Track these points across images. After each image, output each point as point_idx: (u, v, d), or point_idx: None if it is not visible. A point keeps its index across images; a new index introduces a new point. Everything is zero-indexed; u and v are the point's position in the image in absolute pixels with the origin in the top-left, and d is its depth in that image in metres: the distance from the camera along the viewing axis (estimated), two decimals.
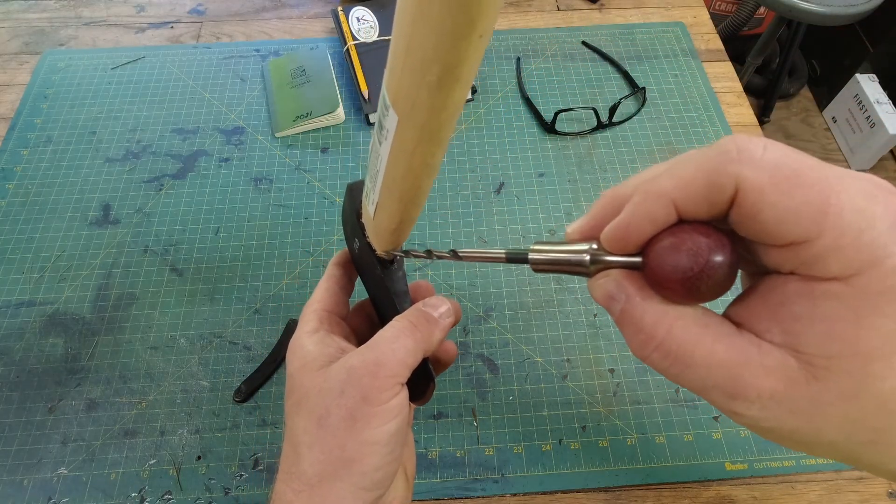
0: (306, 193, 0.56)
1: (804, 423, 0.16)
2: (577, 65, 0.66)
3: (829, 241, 0.15)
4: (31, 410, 0.44)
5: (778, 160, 0.16)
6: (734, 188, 0.16)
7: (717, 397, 0.17)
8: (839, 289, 0.15)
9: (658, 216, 0.18)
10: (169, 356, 0.47)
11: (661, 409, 0.45)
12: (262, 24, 0.71)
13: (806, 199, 0.15)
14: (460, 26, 0.16)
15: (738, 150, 0.16)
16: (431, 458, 0.43)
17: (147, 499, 0.41)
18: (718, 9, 1.58)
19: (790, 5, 1.00)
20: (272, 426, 0.44)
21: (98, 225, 0.54)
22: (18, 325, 0.48)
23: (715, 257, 0.17)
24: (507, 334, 0.48)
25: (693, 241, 0.17)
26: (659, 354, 0.18)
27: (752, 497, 0.42)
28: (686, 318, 0.18)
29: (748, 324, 0.18)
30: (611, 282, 0.20)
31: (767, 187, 0.16)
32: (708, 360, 0.17)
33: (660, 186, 0.18)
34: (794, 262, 0.16)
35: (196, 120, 0.61)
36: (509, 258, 0.23)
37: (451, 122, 0.20)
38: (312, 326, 0.28)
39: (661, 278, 0.18)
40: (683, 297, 0.18)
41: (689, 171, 0.17)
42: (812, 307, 0.16)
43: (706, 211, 0.17)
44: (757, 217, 0.16)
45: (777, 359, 0.16)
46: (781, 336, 0.17)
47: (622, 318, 0.19)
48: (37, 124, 0.60)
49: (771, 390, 0.16)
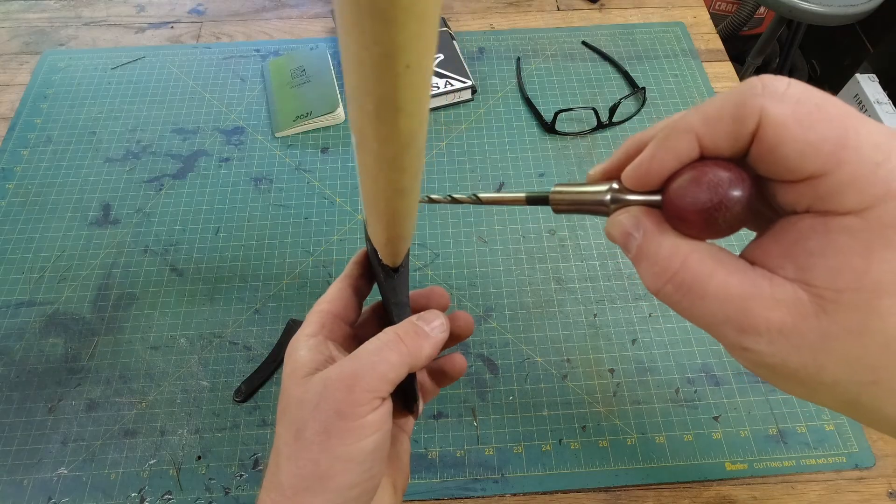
0: (306, 193, 0.56)
1: (809, 359, 0.16)
2: (577, 65, 0.66)
3: (846, 173, 0.15)
4: (31, 410, 0.44)
5: (800, 95, 0.16)
6: (757, 121, 0.17)
7: (727, 331, 0.18)
8: (853, 222, 0.16)
9: (682, 151, 0.18)
10: (169, 356, 0.47)
11: (661, 409, 0.45)
12: (262, 24, 0.71)
13: (826, 132, 0.16)
14: (379, 59, 0.14)
15: (764, 85, 0.17)
16: (431, 458, 0.43)
17: (147, 499, 0.41)
18: (718, 9, 1.58)
19: (790, 5, 1.00)
20: (272, 426, 0.44)
21: (98, 225, 0.54)
22: (18, 325, 0.48)
23: (733, 190, 0.17)
24: (507, 334, 0.48)
25: (714, 174, 0.18)
26: (673, 286, 0.18)
27: (752, 497, 0.42)
28: (701, 251, 0.18)
29: (762, 262, 0.18)
30: (629, 218, 0.20)
31: (790, 120, 0.16)
32: (720, 293, 0.17)
33: (686, 121, 0.18)
34: (811, 197, 0.16)
35: (196, 120, 0.61)
36: (529, 200, 0.24)
37: (407, 151, 0.18)
38: (312, 330, 0.27)
39: (680, 211, 0.18)
40: (701, 230, 0.18)
41: (714, 106, 0.18)
42: (825, 242, 0.16)
43: (729, 146, 0.18)
44: (777, 150, 0.16)
45: (788, 292, 0.17)
46: (794, 271, 0.17)
47: (638, 252, 0.19)
48: (37, 124, 0.60)
49: (780, 322, 0.17)
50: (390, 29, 0.13)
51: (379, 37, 0.14)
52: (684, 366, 0.47)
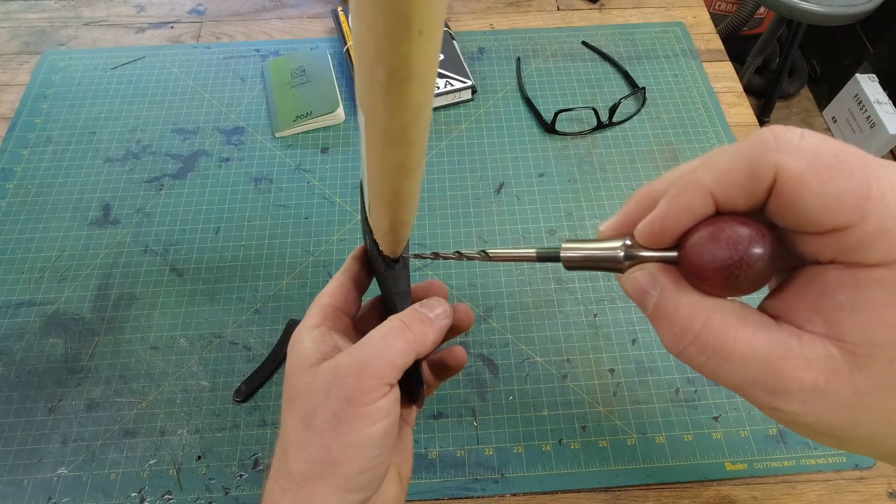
0: (306, 193, 0.56)
1: (844, 416, 0.16)
2: (577, 65, 0.66)
3: (873, 225, 0.15)
4: (31, 410, 0.44)
5: (816, 147, 0.16)
6: (773, 176, 0.16)
7: (756, 393, 0.17)
8: (884, 275, 0.15)
9: (696, 208, 0.18)
10: (169, 356, 0.47)
11: (661, 409, 0.45)
12: (262, 24, 0.71)
13: (847, 184, 0.15)
14: (394, 24, 0.15)
15: (776, 138, 0.16)
16: (431, 458, 0.43)
17: (147, 499, 0.41)
18: (718, 9, 1.58)
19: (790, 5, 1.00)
20: (272, 426, 0.44)
21: (98, 225, 0.54)
22: (18, 325, 0.48)
23: (754, 248, 0.17)
24: (507, 334, 0.48)
25: (732, 230, 0.17)
26: (695, 348, 0.18)
27: (752, 497, 0.42)
28: (723, 310, 0.18)
29: (786, 316, 0.17)
30: (645, 275, 0.19)
31: (807, 174, 0.16)
32: (747, 354, 0.17)
33: (697, 178, 0.18)
34: (836, 249, 0.16)
35: (196, 120, 0.61)
36: (540, 257, 0.23)
37: (416, 124, 0.19)
38: (314, 322, 0.28)
39: (699, 269, 0.18)
40: (722, 288, 0.18)
41: (726, 161, 0.17)
42: (856, 295, 0.16)
43: (745, 202, 0.17)
44: (797, 204, 0.16)
45: (819, 349, 0.16)
46: (824, 326, 0.16)
47: (656, 311, 0.19)
48: (37, 124, 0.60)
49: (813, 383, 0.16)
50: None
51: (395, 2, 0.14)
52: (684, 366, 0.47)
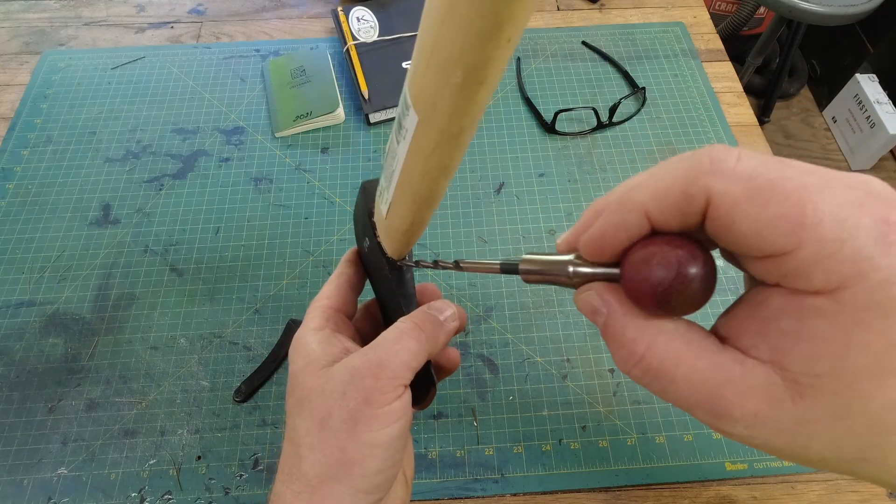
0: (306, 193, 0.56)
1: (791, 442, 0.16)
2: (577, 65, 0.66)
3: (809, 253, 0.15)
4: (31, 410, 0.44)
5: (752, 170, 0.15)
6: (705, 200, 0.16)
7: (701, 415, 0.17)
8: (825, 304, 0.15)
9: (631, 226, 0.18)
10: (169, 356, 0.47)
11: (661, 409, 0.45)
12: (262, 24, 0.71)
13: (781, 210, 0.15)
14: (489, 29, 0.15)
15: (711, 160, 0.16)
16: (431, 458, 0.43)
17: (147, 499, 0.41)
18: (718, 9, 1.58)
19: (790, 5, 1.00)
20: (272, 426, 0.44)
21: (98, 225, 0.54)
22: (18, 325, 0.48)
23: (687, 270, 0.16)
24: (507, 334, 0.48)
25: (664, 253, 0.17)
26: (640, 370, 0.18)
27: (752, 497, 0.42)
28: (668, 333, 0.18)
29: (735, 338, 0.17)
30: (593, 295, 0.19)
31: (741, 199, 0.15)
32: (690, 379, 0.17)
33: (634, 196, 0.17)
34: (777, 274, 0.16)
35: (196, 120, 0.61)
36: (503, 269, 0.24)
37: (472, 126, 0.20)
38: (318, 324, 0.28)
39: (633, 291, 0.18)
40: (656, 310, 0.17)
41: (663, 182, 0.17)
42: (799, 324, 0.15)
43: (679, 222, 0.17)
44: (731, 229, 0.16)
45: (761, 377, 0.16)
46: (768, 352, 0.16)
47: (605, 331, 0.19)
48: (37, 124, 0.60)
49: (755, 410, 0.16)
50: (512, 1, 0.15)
51: (500, 6, 0.15)
52: None
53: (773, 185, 0.15)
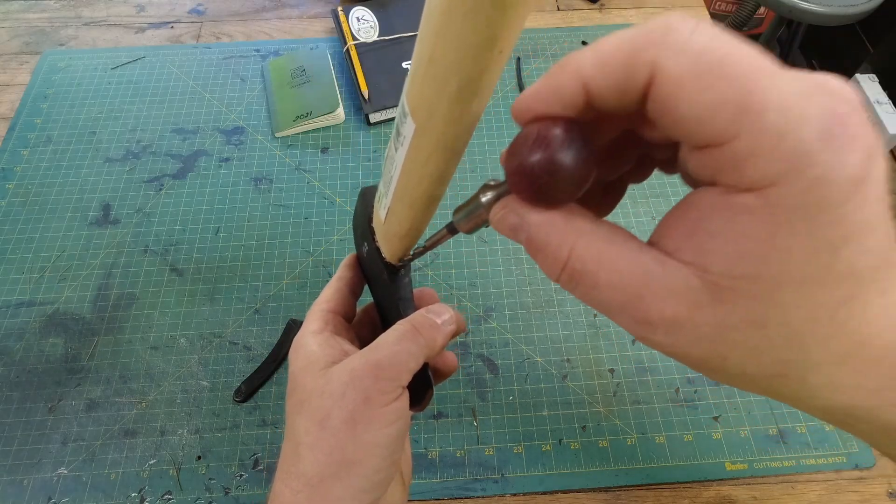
0: (306, 193, 0.56)
1: (709, 350, 0.15)
2: None
3: (746, 143, 0.13)
4: (31, 410, 0.44)
5: (704, 46, 0.14)
6: (649, 75, 0.14)
7: (624, 321, 0.16)
8: (753, 202, 0.13)
9: (564, 93, 0.16)
10: (169, 356, 0.47)
11: (661, 409, 0.45)
12: (262, 24, 0.71)
13: (726, 92, 0.13)
14: (482, 42, 0.16)
15: (666, 29, 0.14)
16: (431, 458, 0.43)
17: (147, 499, 0.41)
18: (718, 9, 1.58)
19: (790, 5, 1.00)
20: (272, 426, 0.44)
21: (98, 225, 0.54)
22: (18, 325, 0.48)
23: (555, 146, 0.15)
24: (507, 334, 0.48)
25: (529, 136, 0.16)
26: (566, 276, 0.17)
27: (752, 497, 0.42)
28: (588, 234, 0.16)
29: (662, 242, 0.16)
30: (508, 212, 0.18)
31: (686, 76, 0.13)
32: (611, 281, 0.16)
33: (578, 59, 0.15)
34: (712, 168, 0.14)
35: (196, 120, 0.61)
36: (448, 229, 0.24)
37: (467, 133, 0.20)
38: (318, 326, 0.28)
39: (513, 184, 0.17)
40: (539, 199, 0.17)
41: (607, 49, 0.15)
42: (725, 222, 0.14)
43: (617, 98, 0.15)
44: (671, 112, 0.14)
45: (680, 279, 0.15)
46: (692, 254, 0.15)
47: (529, 245, 0.18)
48: (37, 124, 0.60)
49: (673, 313, 0.15)
50: (506, 14, 0.15)
51: (492, 20, 0.15)
52: (684, 366, 0.47)
53: (721, 64, 0.13)
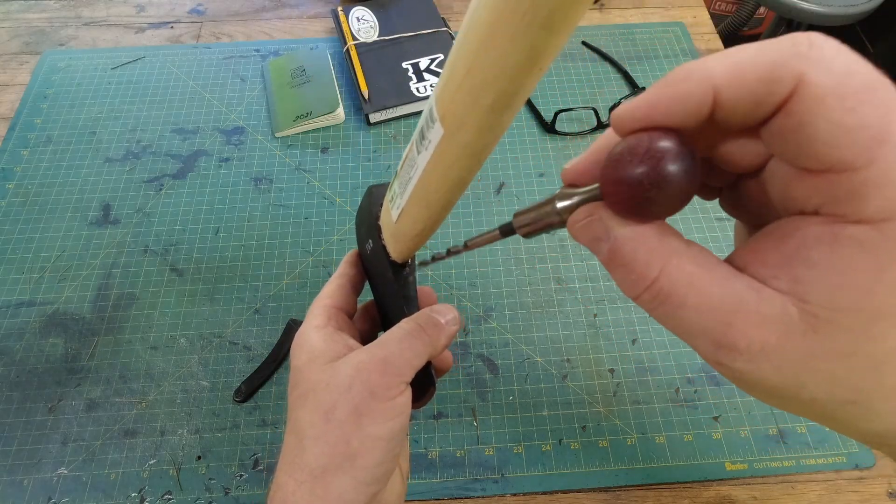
0: (306, 193, 0.56)
1: (790, 379, 0.15)
2: (577, 65, 0.66)
3: (876, 174, 0.13)
4: (31, 410, 0.44)
5: (850, 67, 0.13)
6: (792, 88, 0.14)
7: (703, 344, 0.16)
8: (866, 234, 0.13)
9: (690, 100, 0.15)
10: (169, 356, 0.47)
11: (661, 409, 0.45)
12: (262, 24, 0.71)
13: (867, 119, 0.13)
14: (523, 61, 0.16)
15: (811, 44, 0.14)
16: (431, 458, 0.43)
17: (147, 499, 0.41)
18: (718, 9, 1.58)
19: (790, 5, 1.00)
20: (272, 426, 0.44)
21: (98, 225, 0.54)
22: (18, 325, 0.48)
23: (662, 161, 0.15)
24: (507, 334, 0.48)
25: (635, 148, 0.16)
26: (650, 295, 0.16)
27: (752, 497, 0.42)
28: (681, 255, 0.16)
29: (753, 269, 0.16)
30: (594, 221, 0.18)
31: (831, 96, 0.13)
32: (700, 303, 0.16)
33: (707, 66, 0.15)
34: (825, 195, 0.14)
35: (196, 120, 0.61)
36: (502, 232, 0.23)
37: (495, 142, 0.20)
38: (321, 321, 0.28)
39: (611, 195, 0.16)
40: (637, 212, 0.16)
41: (747, 56, 0.14)
42: (831, 254, 0.14)
43: (748, 111, 0.15)
44: (806, 129, 0.14)
45: (777, 307, 0.15)
46: (788, 283, 0.15)
47: (610, 259, 0.17)
48: (37, 124, 0.60)
49: (762, 341, 0.15)
50: (552, 36, 0.15)
51: (538, 41, 0.16)
52: (684, 366, 0.47)
53: (867, 90, 0.13)
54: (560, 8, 0.15)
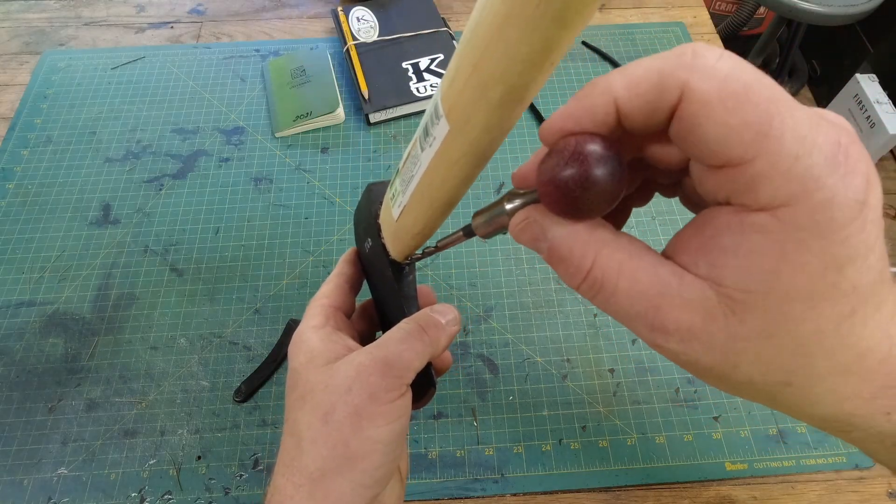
0: (306, 193, 0.56)
1: (720, 359, 0.16)
2: (577, 65, 0.66)
3: (763, 165, 0.14)
4: (31, 410, 0.44)
5: (730, 71, 0.15)
6: (679, 95, 0.15)
7: (639, 328, 0.17)
8: (766, 221, 0.15)
9: (597, 112, 0.17)
10: (169, 356, 0.47)
11: (661, 409, 0.45)
12: (262, 24, 0.71)
13: (749, 116, 0.14)
14: (535, 55, 0.16)
15: (694, 54, 0.15)
16: (431, 458, 0.43)
17: (147, 499, 0.41)
18: (718, 9, 1.58)
19: (790, 5, 1.00)
20: (272, 426, 0.44)
21: (98, 225, 0.54)
22: (18, 325, 0.48)
23: (590, 162, 0.16)
24: (507, 334, 0.48)
25: (564, 150, 0.17)
26: (587, 285, 0.18)
27: (752, 497, 0.42)
28: (610, 245, 0.18)
29: (677, 256, 0.17)
30: (530, 222, 0.19)
31: (714, 99, 0.15)
32: (629, 290, 0.17)
33: (608, 81, 0.17)
34: (728, 188, 0.15)
35: (196, 120, 0.61)
36: (465, 232, 0.24)
37: (502, 139, 0.20)
38: (319, 322, 0.28)
39: (545, 196, 0.17)
40: (570, 211, 0.17)
41: (639, 70, 0.16)
42: (739, 239, 0.15)
43: (646, 116, 0.16)
44: (696, 131, 0.15)
45: (697, 291, 0.16)
46: (706, 268, 0.16)
47: (550, 256, 0.19)
48: (37, 124, 0.60)
49: (689, 323, 0.16)
50: (564, 30, 0.16)
51: (549, 36, 0.16)
52: None
53: (746, 90, 0.15)
54: (574, 2, 0.15)
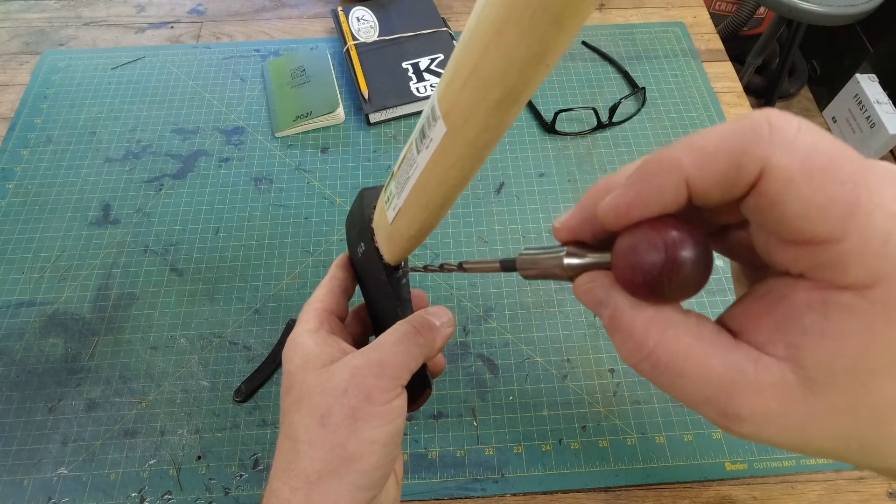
0: (306, 193, 0.56)
1: (795, 437, 0.16)
2: (577, 65, 0.66)
3: (853, 245, 0.14)
4: (31, 410, 0.44)
5: (812, 145, 0.14)
6: (759, 172, 0.14)
7: (708, 412, 0.16)
8: (853, 301, 0.14)
9: (666, 193, 0.16)
10: (169, 356, 0.47)
11: (661, 409, 0.45)
12: (262, 24, 0.71)
13: (837, 193, 0.14)
14: (532, 57, 0.16)
15: (771, 127, 0.14)
16: (431, 458, 0.43)
17: (147, 499, 0.41)
18: (718, 9, 1.58)
19: (790, 5, 1.00)
20: (272, 426, 0.44)
21: (98, 225, 0.54)
22: (18, 325, 0.48)
23: (678, 253, 0.16)
24: (507, 334, 0.48)
25: (652, 236, 0.16)
26: (648, 364, 0.17)
27: (752, 497, 0.42)
28: (678, 326, 0.17)
29: (748, 333, 0.16)
30: (596, 287, 0.18)
31: (798, 176, 0.14)
32: (699, 374, 0.16)
33: (676, 158, 0.16)
34: (809, 263, 0.15)
35: (196, 120, 0.61)
36: (503, 266, 0.24)
37: (498, 140, 0.20)
38: (313, 325, 0.28)
39: (624, 279, 0.17)
40: (649, 297, 0.17)
41: (711, 145, 0.15)
42: (823, 321, 0.15)
43: (721, 194, 0.15)
44: (779, 208, 0.14)
45: (775, 375, 0.15)
46: (785, 350, 0.15)
47: (610, 324, 0.18)
48: (37, 124, 0.60)
49: (764, 409, 0.15)
50: (562, 31, 0.16)
51: (547, 37, 0.16)
52: None
53: (832, 165, 0.14)
54: (571, 4, 0.15)
